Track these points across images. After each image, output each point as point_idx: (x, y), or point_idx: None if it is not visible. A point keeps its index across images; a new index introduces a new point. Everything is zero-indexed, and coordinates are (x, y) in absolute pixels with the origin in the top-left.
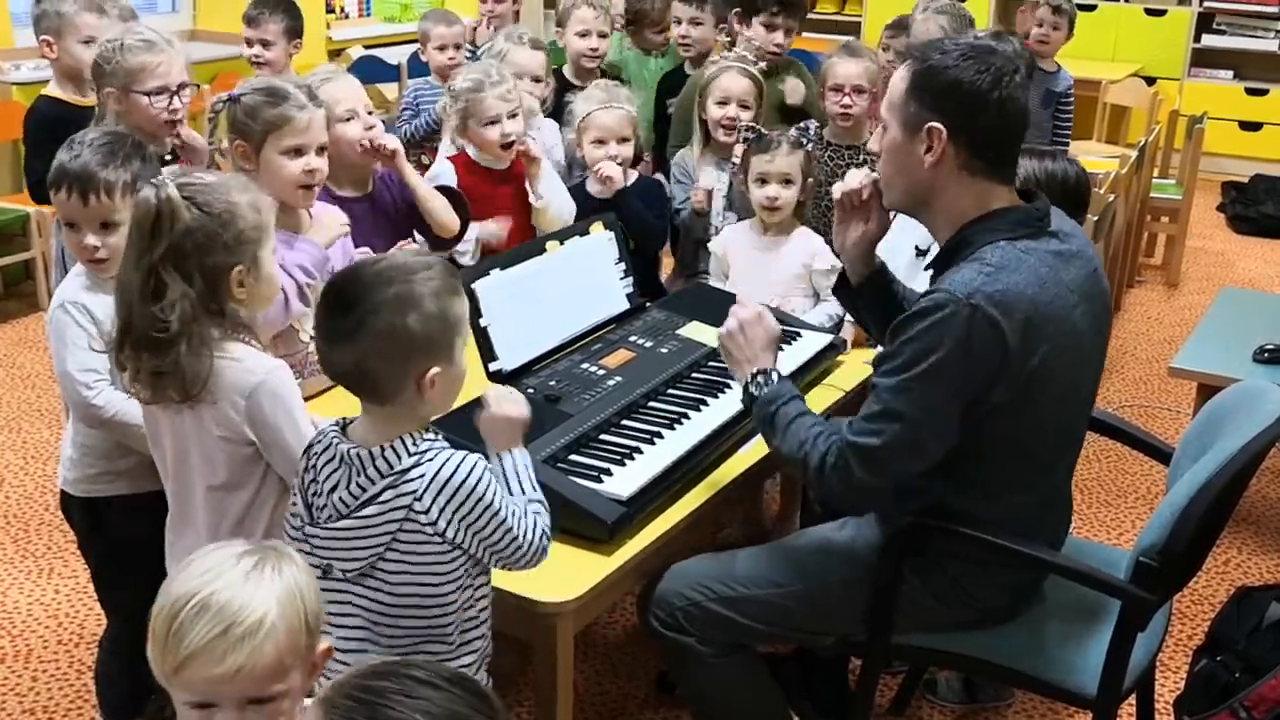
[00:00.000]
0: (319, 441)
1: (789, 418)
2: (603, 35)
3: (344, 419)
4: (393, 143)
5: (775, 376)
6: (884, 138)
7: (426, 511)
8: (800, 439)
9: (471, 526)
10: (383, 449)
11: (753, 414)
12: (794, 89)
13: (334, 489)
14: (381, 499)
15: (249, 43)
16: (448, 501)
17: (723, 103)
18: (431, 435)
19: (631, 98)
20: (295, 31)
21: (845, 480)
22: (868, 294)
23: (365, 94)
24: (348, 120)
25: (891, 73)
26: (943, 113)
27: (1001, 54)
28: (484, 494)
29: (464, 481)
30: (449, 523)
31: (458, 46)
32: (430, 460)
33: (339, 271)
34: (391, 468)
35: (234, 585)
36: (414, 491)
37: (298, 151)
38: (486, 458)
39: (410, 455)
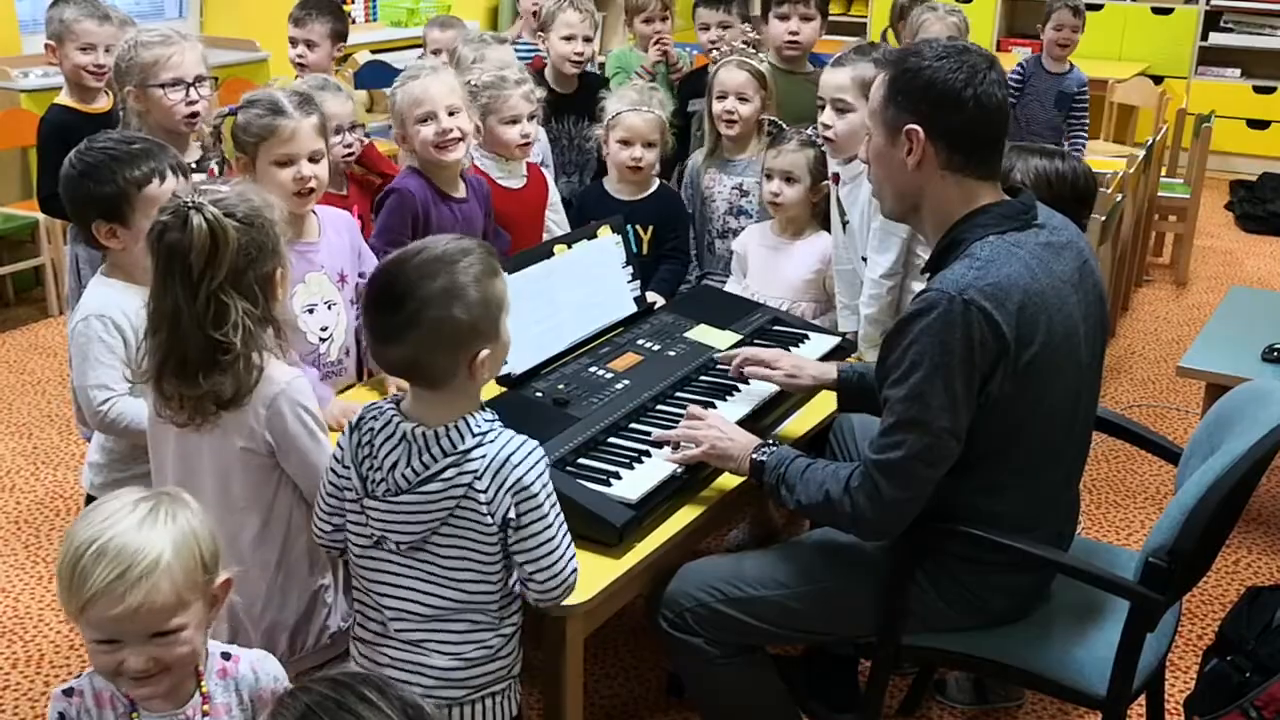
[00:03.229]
0: (375, 418)
1: (802, 468)
2: (587, 39)
3: (396, 395)
4: None
5: (774, 443)
6: (869, 145)
7: (485, 490)
8: (820, 480)
9: (523, 506)
10: (446, 429)
11: (764, 480)
12: None
13: (394, 466)
14: (444, 476)
15: (293, 43)
16: (505, 479)
17: (721, 96)
18: (490, 415)
19: (665, 102)
20: (340, 35)
21: (875, 500)
22: (854, 397)
23: (453, 93)
24: (423, 122)
25: None
26: (918, 113)
27: (975, 52)
28: (539, 476)
29: (522, 461)
30: (503, 501)
31: (453, 52)
32: (492, 442)
33: (381, 266)
34: (455, 447)
35: (129, 530)
36: (475, 470)
37: (288, 160)
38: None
39: (474, 435)
